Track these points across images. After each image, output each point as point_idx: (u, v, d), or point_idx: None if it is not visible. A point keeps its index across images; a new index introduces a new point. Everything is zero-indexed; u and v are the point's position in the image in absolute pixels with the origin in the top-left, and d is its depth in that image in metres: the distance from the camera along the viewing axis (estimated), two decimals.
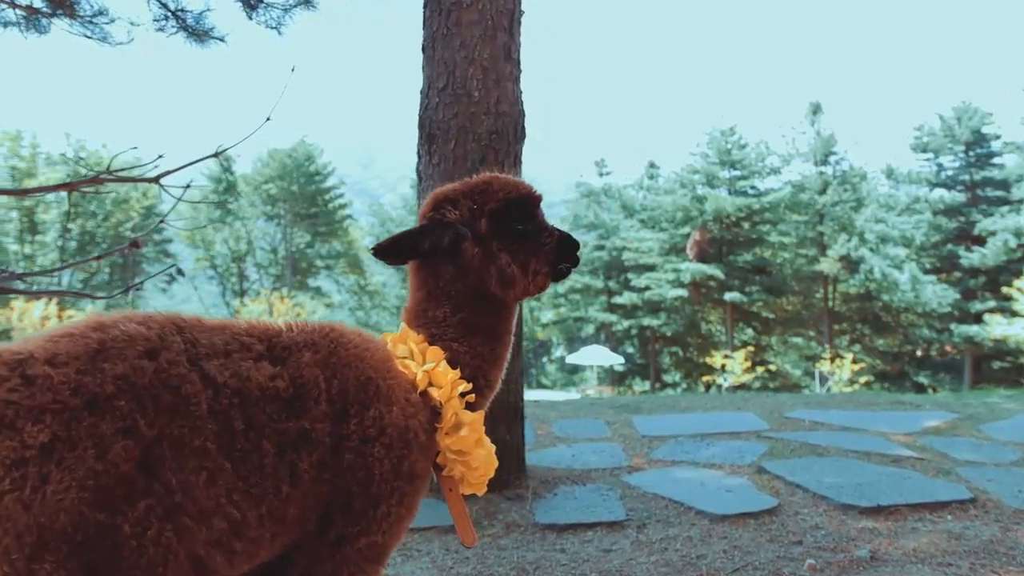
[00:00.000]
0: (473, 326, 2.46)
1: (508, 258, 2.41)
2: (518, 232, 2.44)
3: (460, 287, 2.45)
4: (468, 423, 2.38)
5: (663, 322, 50.98)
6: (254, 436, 2.00)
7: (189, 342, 2.03)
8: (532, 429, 8.57)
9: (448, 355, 2.42)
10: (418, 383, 2.34)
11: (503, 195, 2.46)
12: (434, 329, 2.46)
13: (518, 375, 6.50)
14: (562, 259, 2.49)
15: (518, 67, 6.50)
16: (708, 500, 5.83)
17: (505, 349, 2.57)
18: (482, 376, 2.49)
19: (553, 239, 2.49)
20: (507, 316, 2.56)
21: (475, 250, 2.41)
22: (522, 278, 2.43)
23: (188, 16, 6.55)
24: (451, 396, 2.35)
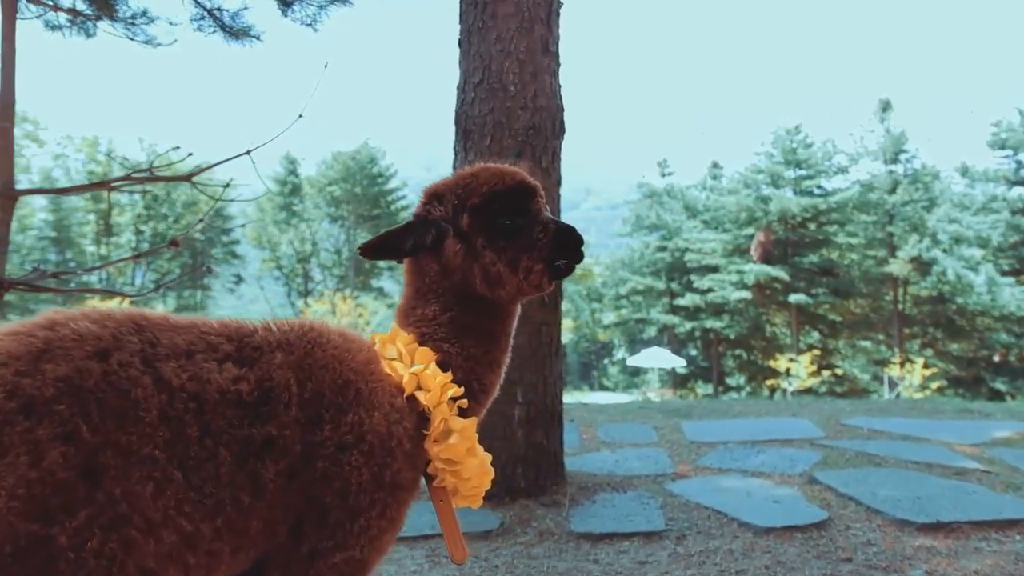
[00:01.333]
0: (465, 326, 2.28)
1: (493, 256, 2.21)
2: (506, 228, 2.23)
3: (446, 285, 2.29)
4: (458, 430, 2.20)
5: (726, 324, 50.03)
6: (210, 443, 1.85)
7: (147, 342, 1.90)
8: (577, 433, 8.36)
9: (439, 357, 2.25)
10: (404, 386, 2.18)
11: (487, 188, 2.27)
12: (424, 328, 2.29)
13: (556, 378, 6.31)
14: (559, 255, 2.25)
15: (556, 60, 6.31)
16: (753, 511, 5.54)
17: (502, 352, 2.38)
18: (476, 380, 2.30)
19: (547, 234, 2.25)
20: (504, 317, 2.36)
21: (457, 247, 2.24)
22: (511, 277, 2.21)
23: (224, 15, 6.53)
24: (440, 401, 2.18)
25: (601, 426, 8.77)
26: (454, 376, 2.23)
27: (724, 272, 49.17)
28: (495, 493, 5.95)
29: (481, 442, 6.66)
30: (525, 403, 6.05)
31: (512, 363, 5.79)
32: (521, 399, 6.04)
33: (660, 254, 54.29)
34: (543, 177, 6.13)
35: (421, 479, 2.28)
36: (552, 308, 6.20)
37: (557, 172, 6.33)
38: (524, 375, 6.05)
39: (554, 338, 6.24)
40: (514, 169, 2.36)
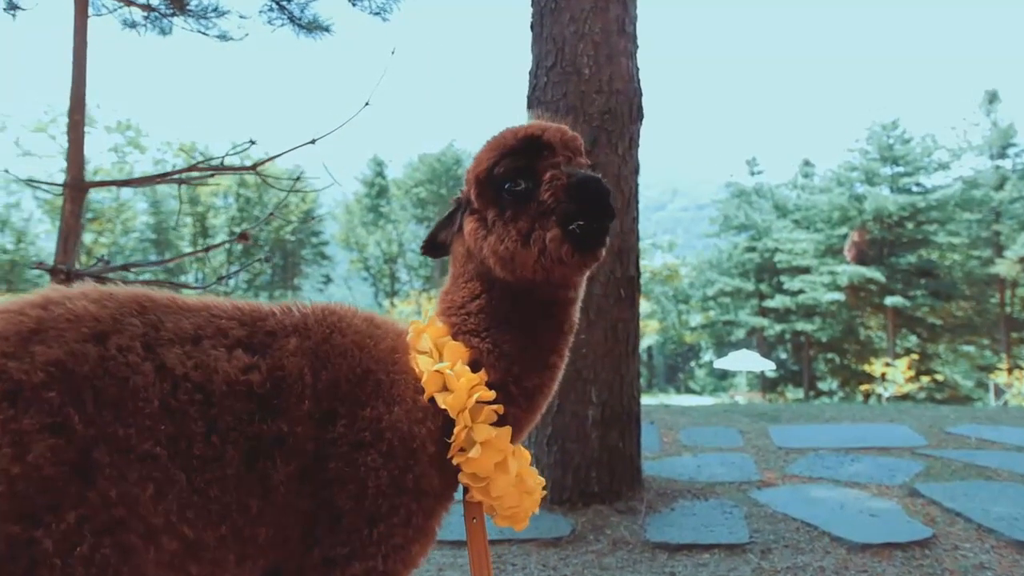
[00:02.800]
0: (499, 317, 1.96)
1: (502, 230, 1.85)
2: (514, 195, 1.85)
3: (471, 269, 2.00)
4: (483, 441, 1.88)
5: (818, 327, 48.32)
6: (217, 441, 1.65)
7: (150, 325, 1.70)
8: (657, 436, 7.98)
9: (471, 353, 1.95)
10: (425, 385, 1.89)
11: (489, 152, 1.93)
12: (454, 318, 2.01)
13: (634, 377, 5.97)
14: (574, 214, 1.76)
15: (634, 42, 5.97)
16: (847, 525, 5.08)
17: (549, 352, 1.98)
18: (513, 382, 1.94)
19: (555, 191, 1.79)
20: (545, 308, 1.95)
21: (470, 226, 1.95)
22: (524, 253, 1.81)
23: (293, 6, 6.40)
24: (465, 405, 1.87)
25: (683, 429, 8.36)
26: (488, 376, 1.93)
27: (816, 273, 47.60)
28: (567, 497, 5.65)
29: (554, 443, 6.30)
30: (600, 403, 5.73)
31: (586, 361, 5.55)
32: (596, 399, 5.72)
33: (749, 255, 52.94)
34: (620, 164, 5.82)
35: (456, 488, 2.01)
36: (629, 304, 5.86)
37: (634, 159, 5.99)
38: (599, 374, 5.74)
39: (631, 335, 5.90)
40: (533, 123, 1.98)
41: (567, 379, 5.62)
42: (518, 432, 2.01)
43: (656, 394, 55.40)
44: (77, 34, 4.99)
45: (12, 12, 6.45)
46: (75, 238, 5.19)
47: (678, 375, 65.92)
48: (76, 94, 5.00)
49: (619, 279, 5.79)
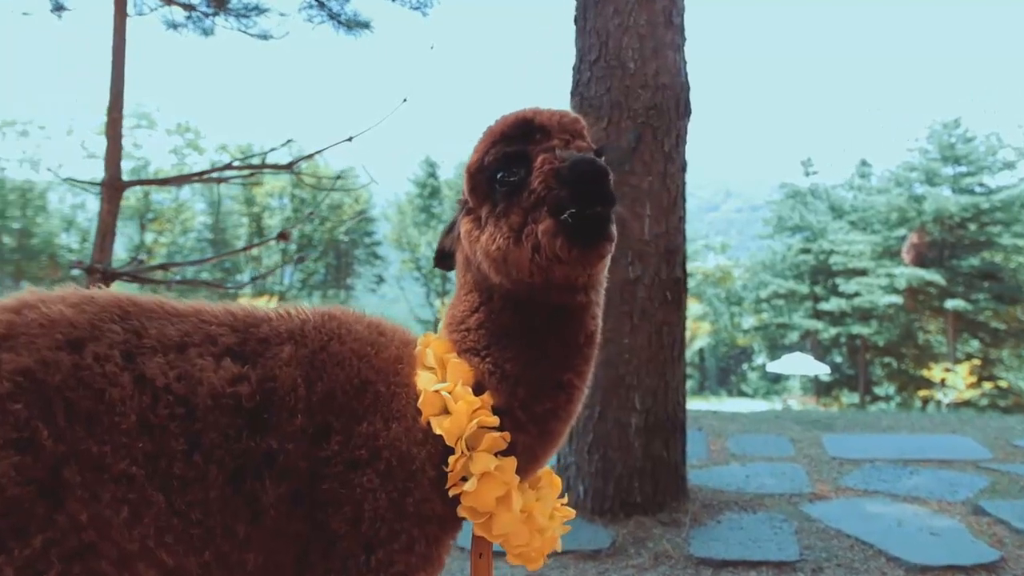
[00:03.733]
0: (500, 333, 1.72)
1: (493, 226, 1.62)
2: (505, 186, 1.61)
3: (469, 279, 1.78)
4: (480, 473, 1.66)
5: (874, 330, 47.12)
6: (199, 459, 1.51)
7: (132, 331, 1.57)
8: (705, 443, 7.72)
9: (476, 373, 1.74)
10: (421, 407, 1.69)
11: (483, 141, 1.71)
12: (455, 335, 1.79)
13: (679, 383, 5.74)
14: (565, 201, 1.50)
15: (681, 34, 5.74)
16: (906, 544, 4.79)
17: (559, 370, 1.70)
18: (520, 407, 1.70)
19: (547, 176, 1.54)
20: (554, 319, 1.68)
21: (464, 228, 1.73)
22: (517, 251, 1.56)
23: (332, 3, 6.32)
24: (463, 431, 1.66)
25: (732, 436, 8.07)
26: (493, 400, 1.71)
27: (873, 275, 46.44)
28: (608, 508, 5.45)
29: (595, 451, 6.04)
30: (643, 410, 5.51)
31: (629, 366, 5.34)
32: (639, 406, 5.51)
33: (803, 256, 51.90)
34: (666, 162, 5.60)
35: None
36: (674, 306, 5.63)
37: (682, 157, 5.76)
38: (643, 380, 5.52)
39: (677, 339, 5.68)
40: (520, 109, 1.72)
41: (609, 385, 5.48)
42: (531, 462, 1.78)
43: (707, 397, 54.64)
44: (116, 33, 4.94)
45: (58, 13, 6.49)
46: (111, 237, 5.15)
47: (730, 378, 64.88)
48: (114, 92, 4.95)
49: (664, 281, 5.57)
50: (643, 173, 5.55)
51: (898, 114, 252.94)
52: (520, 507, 1.73)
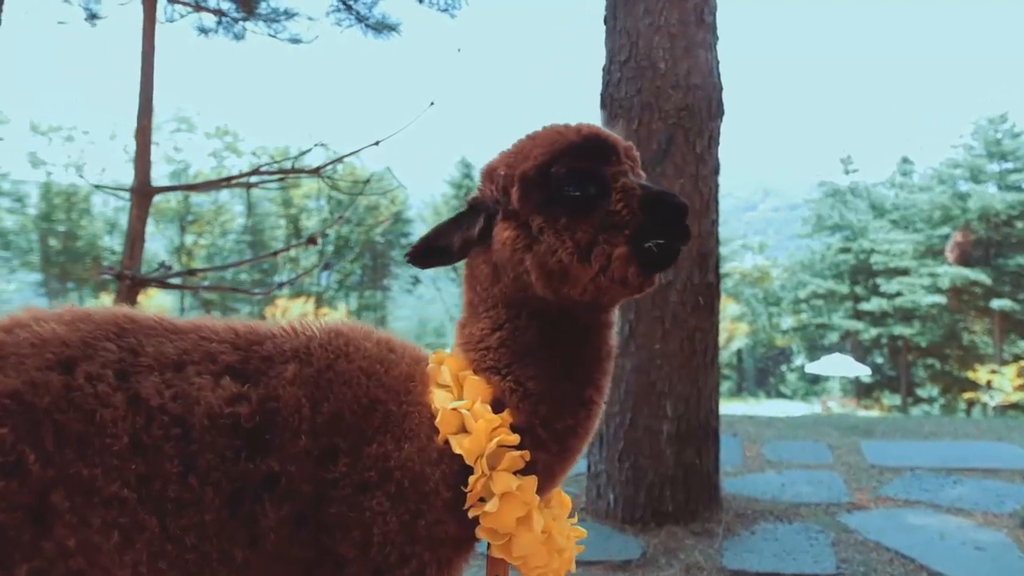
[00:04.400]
0: (522, 350, 1.68)
1: (554, 240, 1.57)
2: (572, 200, 1.58)
3: (496, 293, 1.70)
4: (502, 493, 1.61)
5: (917, 331, 46.28)
6: (195, 482, 1.46)
7: (128, 349, 1.52)
8: (740, 450, 7.57)
9: (495, 391, 1.69)
10: (439, 426, 1.64)
11: (542, 148, 1.64)
12: (472, 353, 1.73)
13: (712, 390, 5.62)
14: (651, 232, 1.54)
15: (713, 33, 5.62)
16: (948, 558, 4.63)
17: (583, 386, 1.69)
18: (541, 424, 1.66)
19: (630, 203, 1.56)
20: (585, 334, 1.69)
21: (507, 234, 1.64)
22: (582, 269, 1.55)
23: (360, 5, 6.31)
24: (483, 450, 1.62)
25: (768, 442, 7.91)
26: (512, 419, 1.66)
27: (915, 275, 45.66)
28: (640, 517, 5.35)
29: (626, 458, 5.92)
30: (675, 418, 5.40)
31: (661, 372, 5.24)
32: (671, 413, 5.40)
33: (843, 256, 51.16)
34: (698, 164, 5.48)
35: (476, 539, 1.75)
36: (707, 311, 5.52)
37: (714, 158, 5.64)
38: (675, 386, 5.41)
39: (710, 345, 5.56)
40: (580, 124, 1.71)
41: (640, 391, 5.38)
42: (549, 481, 1.74)
43: (745, 399, 54.10)
44: (145, 40, 4.96)
45: (92, 22, 6.55)
46: (141, 243, 5.17)
47: (769, 379, 64.11)
48: (144, 99, 4.97)
49: (697, 286, 5.45)
50: (674, 176, 5.44)
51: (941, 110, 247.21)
52: (541, 528, 1.69)
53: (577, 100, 73.95)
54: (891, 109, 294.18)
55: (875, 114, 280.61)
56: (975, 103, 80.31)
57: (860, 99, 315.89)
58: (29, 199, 54.23)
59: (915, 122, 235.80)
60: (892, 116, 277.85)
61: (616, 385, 5.49)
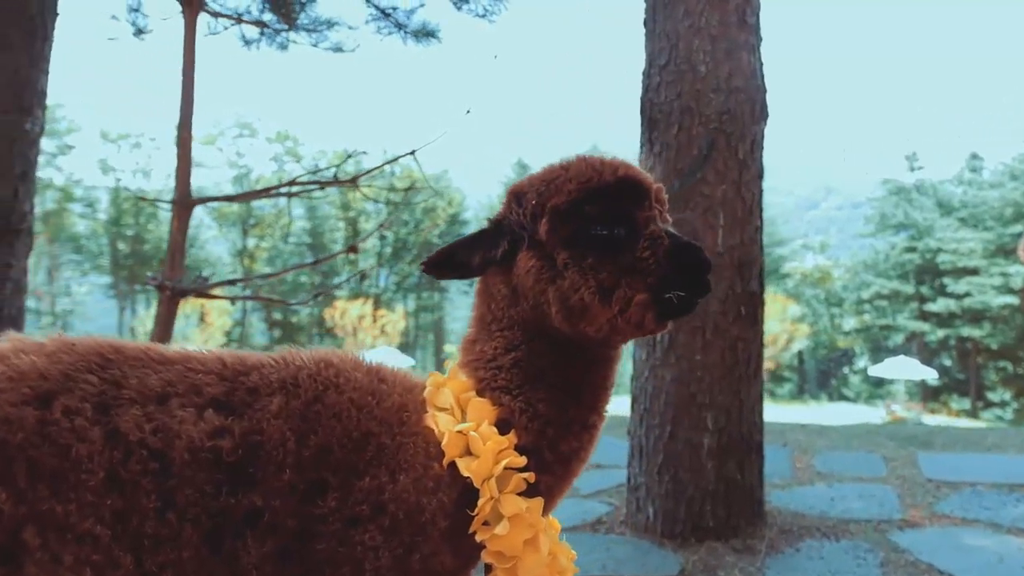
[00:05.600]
0: (534, 373, 1.69)
1: (577, 277, 1.60)
2: (599, 239, 1.61)
3: (514, 315, 1.71)
4: (512, 515, 1.61)
5: (987, 333, 44.86)
6: (173, 518, 1.44)
7: (111, 382, 1.51)
8: (789, 460, 7.36)
9: (500, 412, 1.69)
10: (445, 448, 1.63)
11: (576, 184, 1.65)
12: (482, 372, 1.73)
13: (755, 402, 5.45)
14: (673, 283, 1.59)
15: (756, 34, 5.46)
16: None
17: (589, 411, 1.73)
18: (548, 447, 1.69)
19: (657, 251, 1.60)
20: (594, 364, 1.73)
21: (531, 263, 1.65)
22: (601, 309, 1.59)
23: (399, 13, 6.31)
24: (491, 472, 1.62)
25: (819, 453, 7.67)
26: (518, 440, 1.66)
27: (985, 275, 44.28)
28: (679, 532, 5.22)
29: (665, 471, 5.80)
30: (716, 430, 5.25)
31: (701, 384, 5.11)
32: (712, 426, 5.25)
33: (908, 255, 49.87)
34: (740, 169, 5.33)
35: (474, 566, 1.72)
36: (750, 321, 5.35)
37: (758, 163, 5.47)
38: (715, 398, 5.26)
39: (752, 356, 5.39)
40: (622, 161, 1.72)
41: (680, 403, 5.25)
42: (551, 502, 1.76)
43: (806, 401, 53.05)
44: (186, 54, 5.03)
45: (140, 36, 6.67)
46: (181, 254, 5.24)
47: (830, 381, 62.77)
48: (184, 113, 5.04)
49: (739, 295, 5.30)
50: (716, 181, 5.30)
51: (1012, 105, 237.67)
52: (547, 550, 1.70)
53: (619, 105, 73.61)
54: (959, 104, 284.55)
55: (942, 110, 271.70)
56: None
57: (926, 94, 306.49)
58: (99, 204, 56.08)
59: (984, 117, 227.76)
60: (960, 111, 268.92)
61: (656, 396, 5.38)
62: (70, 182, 53.44)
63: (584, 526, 5.62)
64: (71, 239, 55.24)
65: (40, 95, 6.30)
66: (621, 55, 27.39)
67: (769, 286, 41.44)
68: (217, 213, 54.56)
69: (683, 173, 5.33)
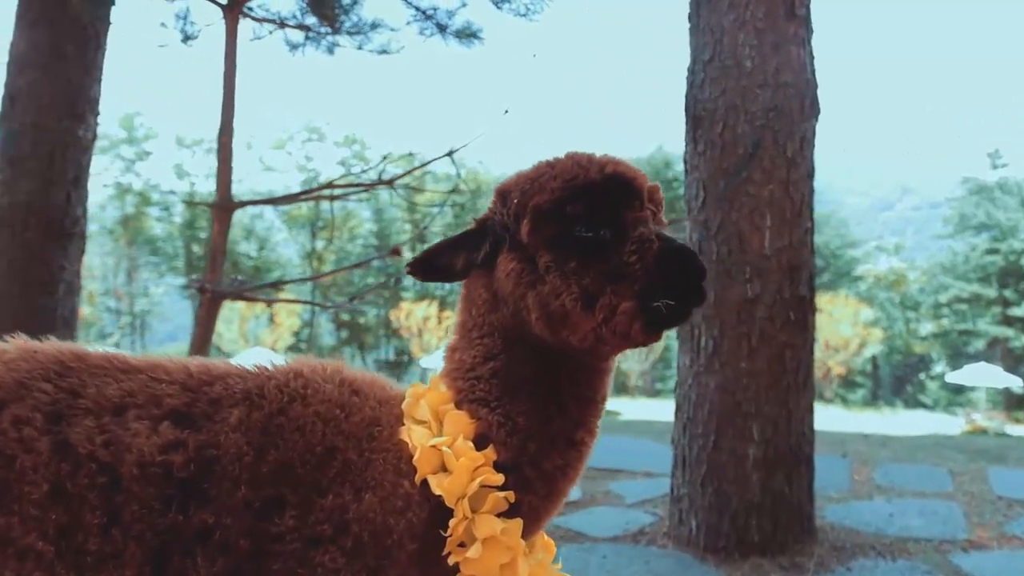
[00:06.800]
0: (515, 384, 1.56)
1: (559, 282, 1.47)
2: (583, 241, 1.48)
3: (493, 320, 1.58)
4: (485, 538, 1.49)
5: None
6: (118, 534, 1.38)
7: (67, 391, 1.46)
8: (848, 472, 7.04)
9: (479, 426, 1.56)
10: (417, 464, 1.51)
11: (560, 182, 1.51)
12: (461, 382, 1.60)
13: (805, 412, 5.21)
14: (662, 291, 1.44)
15: (806, 26, 5.23)
16: None
17: (576, 427, 1.59)
18: (529, 463, 1.56)
19: (645, 256, 1.46)
20: (578, 375, 1.58)
21: (511, 266, 1.52)
22: (584, 317, 1.45)
23: (440, 14, 6.26)
24: (465, 491, 1.50)
25: (880, 465, 7.32)
26: (497, 456, 1.54)
27: None
28: (723, 546, 5.01)
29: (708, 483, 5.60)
30: (762, 441, 5.03)
31: (747, 393, 4.89)
32: (758, 436, 5.03)
33: (990, 257, 47.94)
34: (788, 168, 5.10)
35: None
36: (799, 327, 5.11)
37: (808, 162, 5.23)
38: (762, 407, 5.04)
39: (802, 364, 5.15)
40: (613, 158, 1.58)
41: (724, 412, 5.03)
42: (535, 524, 1.62)
43: (880, 408, 51.42)
44: (227, 61, 5.05)
45: (188, 43, 6.76)
46: (222, 256, 5.26)
47: (906, 388, 60.70)
48: (225, 118, 5.05)
49: (787, 300, 5.06)
50: (762, 181, 5.08)
51: None
52: (528, 574, 1.58)
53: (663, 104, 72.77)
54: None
55: None
56: None
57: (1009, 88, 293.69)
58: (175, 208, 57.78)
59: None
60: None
61: (699, 405, 5.19)
62: (148, 187, 55.23)
63: (625, 537, 5.44)
64: (148, 242, 57.09)
65: (93, 102, 6.44)
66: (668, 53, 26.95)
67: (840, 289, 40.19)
68: (287, 216, 55.68)
69: (728, 173, 5.13)
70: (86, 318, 53.63)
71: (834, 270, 54.39)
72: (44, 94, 6.07)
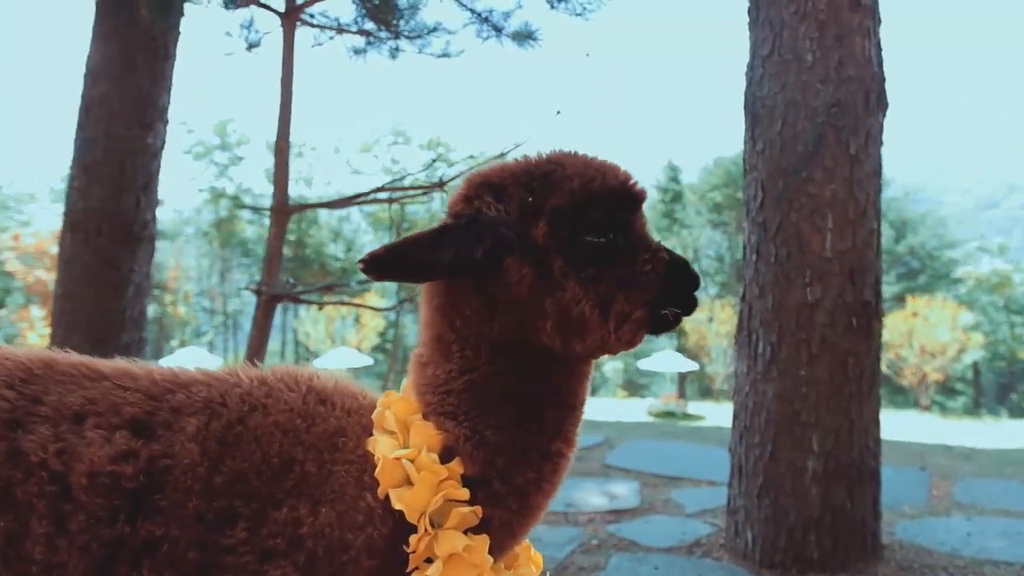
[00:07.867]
0: (487, 396, 1.49)
1: (578, 290, 1.43)
2: (598, 248, 1.45)
3: (486, 331, 1.48)
4: (446, 555, 1.42)
5: None
6: (63, 544, 1.36)
7: (29, 398, 1.45)
8: (926, 486, 6.68)
9: (445, 439, 1.49)
10: (379, 477, 1.45)
11: (579, 184, 1.45)
12: (429, 396, 1.52)
13: (870, 423, 4.95)
14: (669, 299, 1.48)
15: (873, 16, 4.97)
16: None
17: (550, 438, 1.52)
18: (499, 477, 1.48)
19: (657, 266, 1.48)
20: (564, 382, 1.53)
21: (524, 271, 1.44)
22: (599, 325, 1.44)
23: (493, 17, 6.21)
24: (427, 505, 1.43)
25: (961, 479, 6.92)
26: (463, 470, 1.47)
27: None
28: (780, 561, 4.81)
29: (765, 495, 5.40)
30: (823, 453, 4.80)
31: (806, 402, 4.69)
32: (817, 448, 4.81)
33: None
34: (852, 166, 4.86)
35: None
36: (863, 334, 4.86)
37: (874, 159, 4.97)
38: (822, 418, 4.81)
39: (866, 372, 4.89)
40: (611, 162, 1.54)
41: (782, 421, 4.83)
42: (508, 540, 1.55)
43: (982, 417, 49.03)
44: (284, 67, 5.12)
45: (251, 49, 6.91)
46: (278, 259, 5.35)
47: (1010, 396, 57.69)
48: (282, 123, 5.13)
49: (850, 304, 4.82)
50: (824, 180, 4.85)
51: None
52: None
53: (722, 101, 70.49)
54: None
55: None
56: None
57: None
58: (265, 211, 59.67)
59: None
60: None
61: (756, 413, 4.99)
62: (240, 191, 57.03)
63: (680, 548, 5.28)
64: (240, 244, 58.98)
65: (161, 111, 6.66)
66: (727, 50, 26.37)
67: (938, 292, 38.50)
68: (372, 218, 56.68)
69: (787, 172, 4.92)
70: (182, 317, 55.83)
71: (931, 272, 52.22)
72: (115, 104, 6.31)
